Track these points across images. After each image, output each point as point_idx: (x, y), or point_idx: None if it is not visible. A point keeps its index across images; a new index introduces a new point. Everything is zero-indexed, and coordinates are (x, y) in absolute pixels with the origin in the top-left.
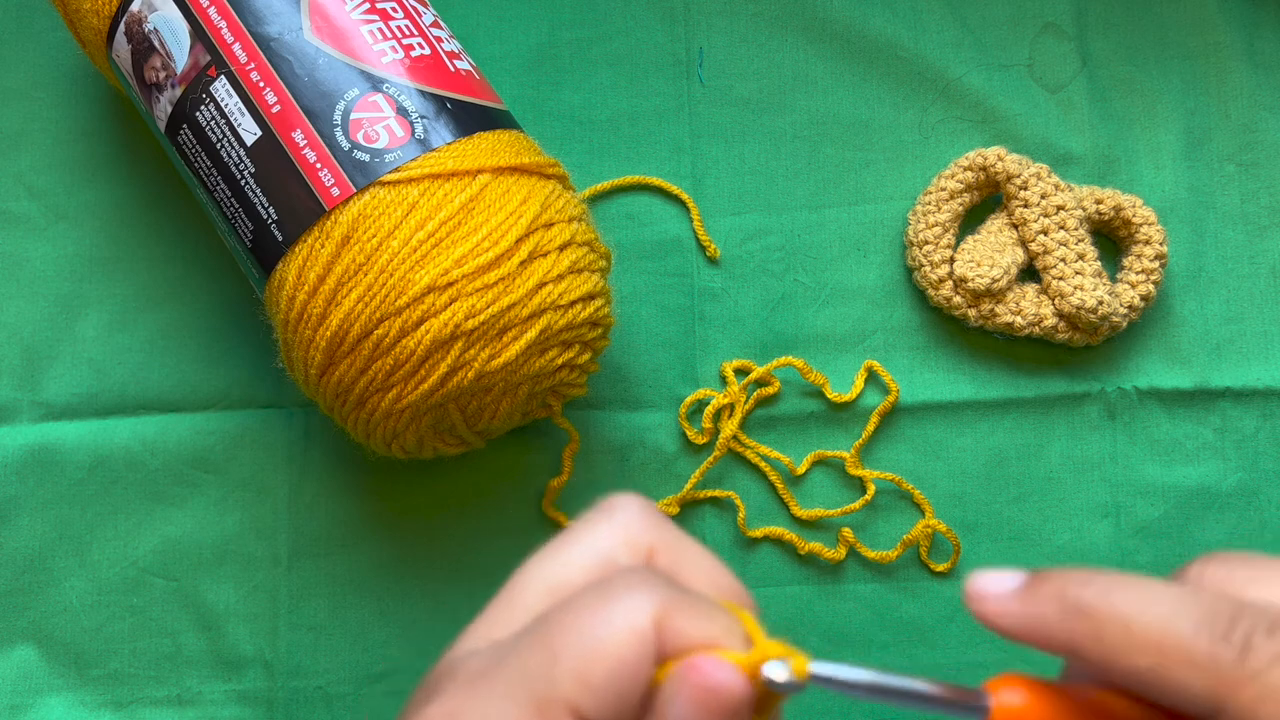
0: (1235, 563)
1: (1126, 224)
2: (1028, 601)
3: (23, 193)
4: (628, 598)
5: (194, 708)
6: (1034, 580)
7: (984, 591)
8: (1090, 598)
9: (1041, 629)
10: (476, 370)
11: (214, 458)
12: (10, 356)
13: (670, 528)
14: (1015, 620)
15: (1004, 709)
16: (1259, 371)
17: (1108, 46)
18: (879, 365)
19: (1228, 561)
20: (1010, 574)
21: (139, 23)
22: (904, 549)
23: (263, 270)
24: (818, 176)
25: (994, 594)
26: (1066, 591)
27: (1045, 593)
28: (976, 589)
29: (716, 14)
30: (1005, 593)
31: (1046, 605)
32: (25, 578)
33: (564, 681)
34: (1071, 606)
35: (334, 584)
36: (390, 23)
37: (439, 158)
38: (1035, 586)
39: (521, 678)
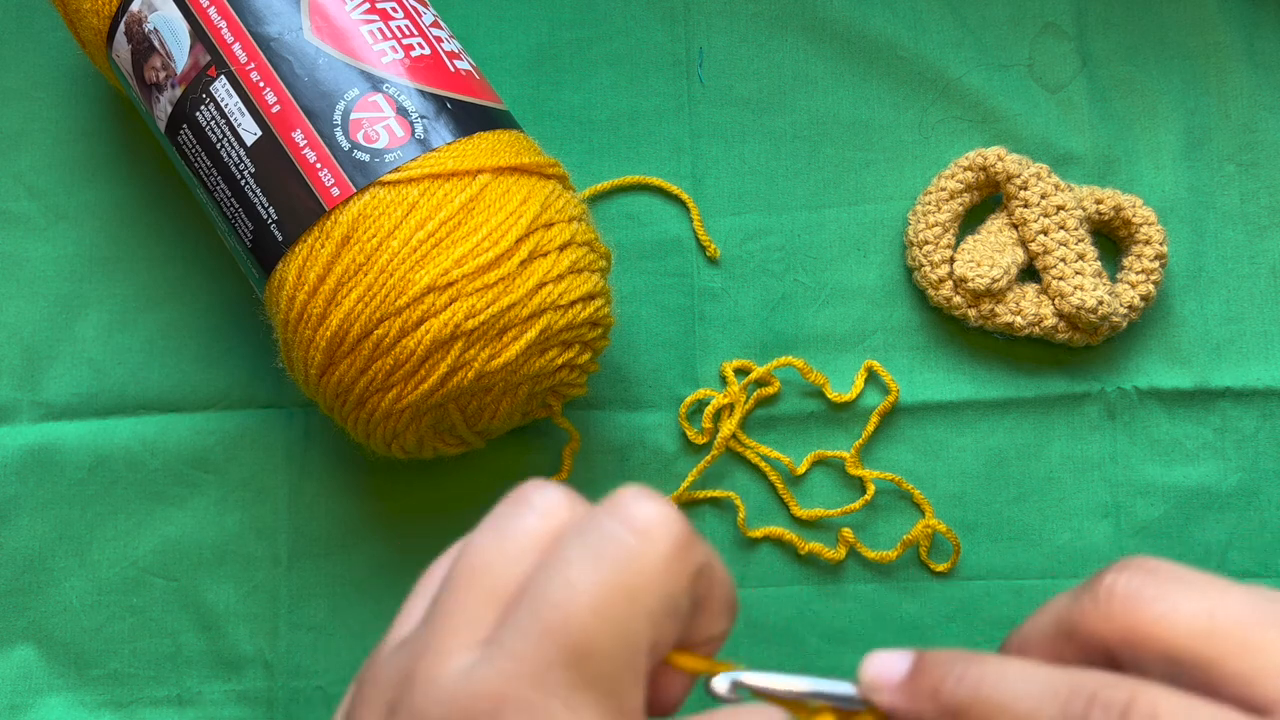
0: (1143, 577)
1: (1126, 224)
2: (911, 695)
3: (23, 193)
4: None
5: (194, 708)
6: (916, 669)
7: (873, 681)
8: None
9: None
10: (476, 370)
11: (214, 458)
12: (10, 356)
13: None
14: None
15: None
16: (1259, 371)
17: (1108, 46)
18: (879, 365)
19: (1137, 574)
20: (897, 658)
21: (139, 23)
22: (904, 549)
23: (263, 270)
24: (818, 176)
25: (882, 684)
26: (942, 689)
27: (924, 688)
28: (867, 679)
29: (716, 14)
30: (893, 683)
31: (925, 703)
32: (25, 578)
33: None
34: (947, 704)
35: (334, 584)
36: (390, 23)
37: (439, 158)
38: (915, 678)
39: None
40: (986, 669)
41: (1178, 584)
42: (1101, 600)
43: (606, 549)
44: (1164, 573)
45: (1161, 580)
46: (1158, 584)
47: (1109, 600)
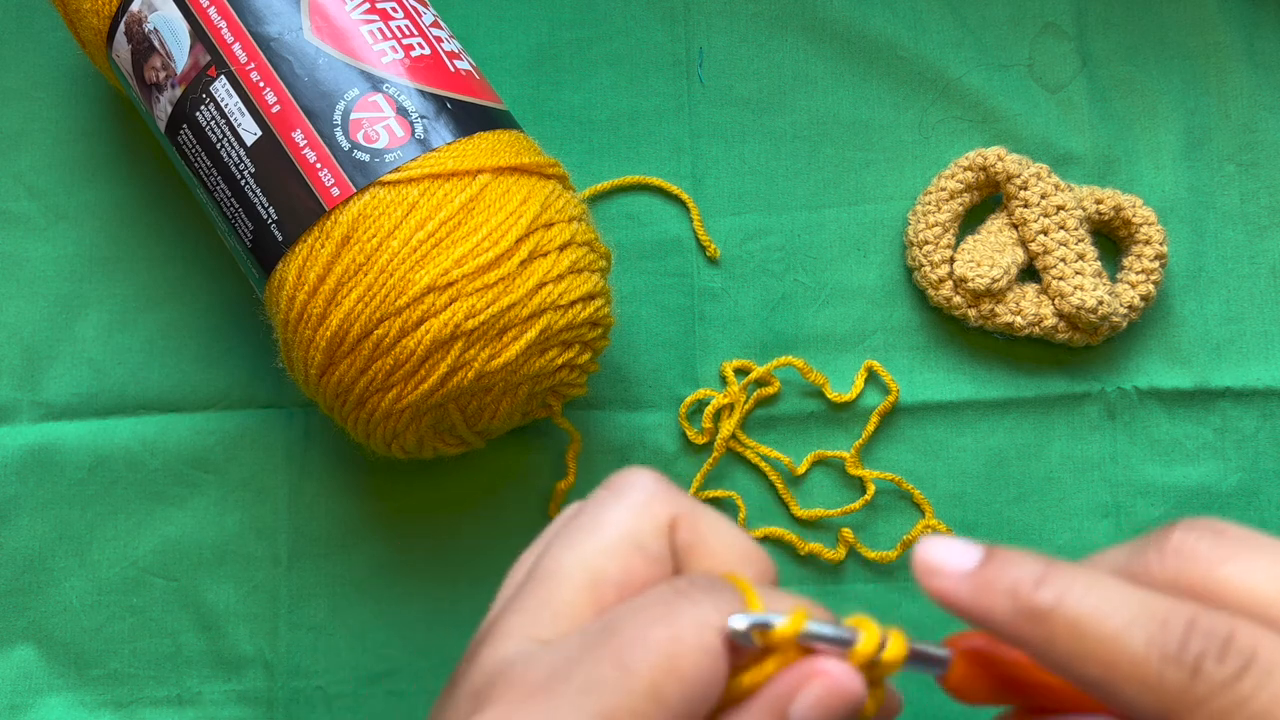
0: (1212, 538)
1: (1126, 224)
2: (980, 590)
3: (23, 193)
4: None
5: (194, 708)
6: (988, 565)
7: (936, 565)
8: (1045, 600)
9: (991, 621)
10: (476, 370)
11: (214, 458)
12: (10, 356)
13: (686, 498)
14: (967, 604)
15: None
16: (1259, 371)
17: (1108, 46)
18: (879, 365)
19: (1205, 534)
20: (965, 549)
21: (139, 23)
22: (904, 549)
23: (263, 270)
24: (818, 176)
25: (948, 570)
26: (1021, 589)
27: (999, 585)
28: (928, 561)
29: (716, 14)
30: (958, 572)
31: (998, 600)
32: (25, 578)
33: (637, 697)
34: (1025, 607)
35: (334, 584)
36: (390, 23)
37: (439, 158)
38: (989, 572)
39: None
40: (1074, 577)
41: (1247, 546)
42: (1169, 556)
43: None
44: (1232, 534)
45: (1231, 541)
46: (1227, 545)
47: (1177, 557)
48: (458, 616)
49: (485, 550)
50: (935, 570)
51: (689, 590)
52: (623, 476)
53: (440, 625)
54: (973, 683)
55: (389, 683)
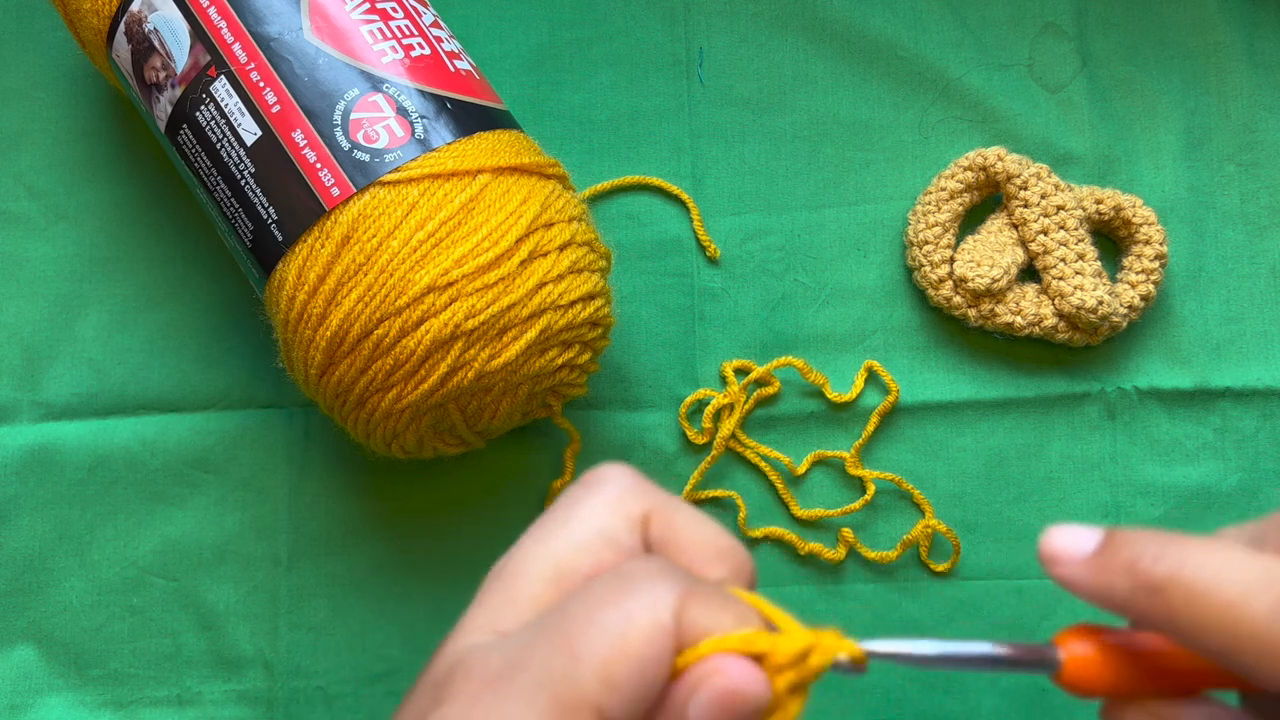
0: None
1: (1126, 224)
2: (1099, 569)
3: (23, 193)
4: (647, 591)
5: (194, 708)
6: (1107, 545)
7: (1057, 553)
8: (1161, 573)
9: (1112, 600)
10: (476, 370)
11: (214, 458)
12: (10, 356)
13: (661, 494)
14: (1087, 587)
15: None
16: (1259, 371)
17: (1108, 46)
18: (879, 365)
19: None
20: (1085, 533)
21: (139, 23)
22: (904, 549)
23: (263, 270)
24: (818, 176)
25: (1067, 557)
26: (1138, 565)
27: (1117, 563)
28: (1051, 550)
29: (716, 14)
30: (1078, 557)
31: (1118, 578)
32: (25, 578)
33: (588, 682)
34: (1143, 581)
35: (334, 584)
36: (390, 23)
37: (439, 158)
38: (1107, 553)
39: (542, 679)
40: (1192, 548)
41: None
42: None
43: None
44: None
45: None
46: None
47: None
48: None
49: (485, 550)
50: (1056, 558)
51: (639, 571)
52: (597, 472)
53: (440, 625)
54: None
55: (389, 683)
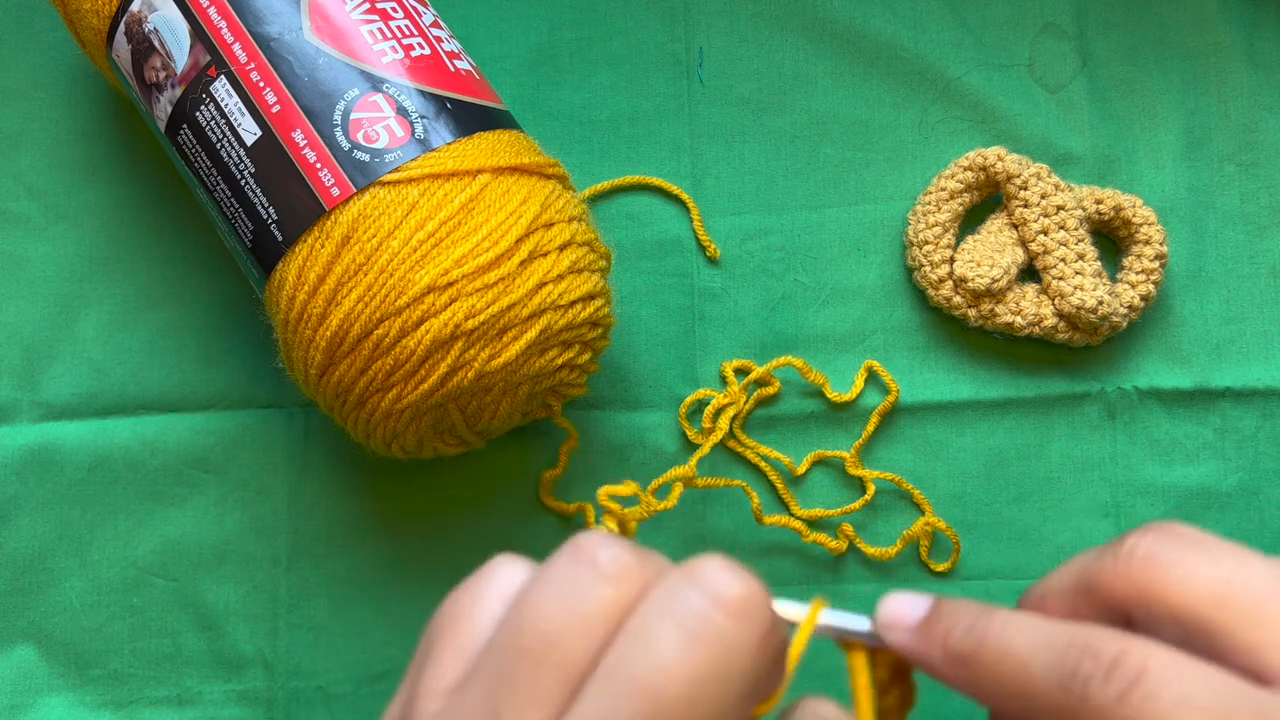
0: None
1: (1126, 224)
2: (921, 639)
3: (23, 193)
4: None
5: (194, 708)
6: (930, 615)
7: (890, 620)
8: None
9: (931, 669)
10: (476, 370)
11: (214, 458)
12: (10, 356)
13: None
14: (911, 655)
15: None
16: (1259, 371)
17: (1108, 46)
18: (879, 365)
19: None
20: (916, 601)
21: (139, 23)
22: (905, 545)
23: (263, 270)
24: (818, 176)
25: (897, 624)
26: (950, 636)
27: (935, 634)
28: (883, 617)
29: (716, 14)
30: (906, 624)
31: (934, 649)
32: (25, 578)
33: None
34: (952, 652)
35: (334, 584)
36: (390, 23)
37: (439, 158)
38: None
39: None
40: (994, 620)
41: (1199, 550)
42: (1122, 560)
43: (699, 629)
44: (1188, 538)
45: (1184, 545)
46: (1179, 548)
47: (1129, 560)
48: None
49: (485, 550)
50: (887, 624)
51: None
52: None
53: None
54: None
55: (389, 683)
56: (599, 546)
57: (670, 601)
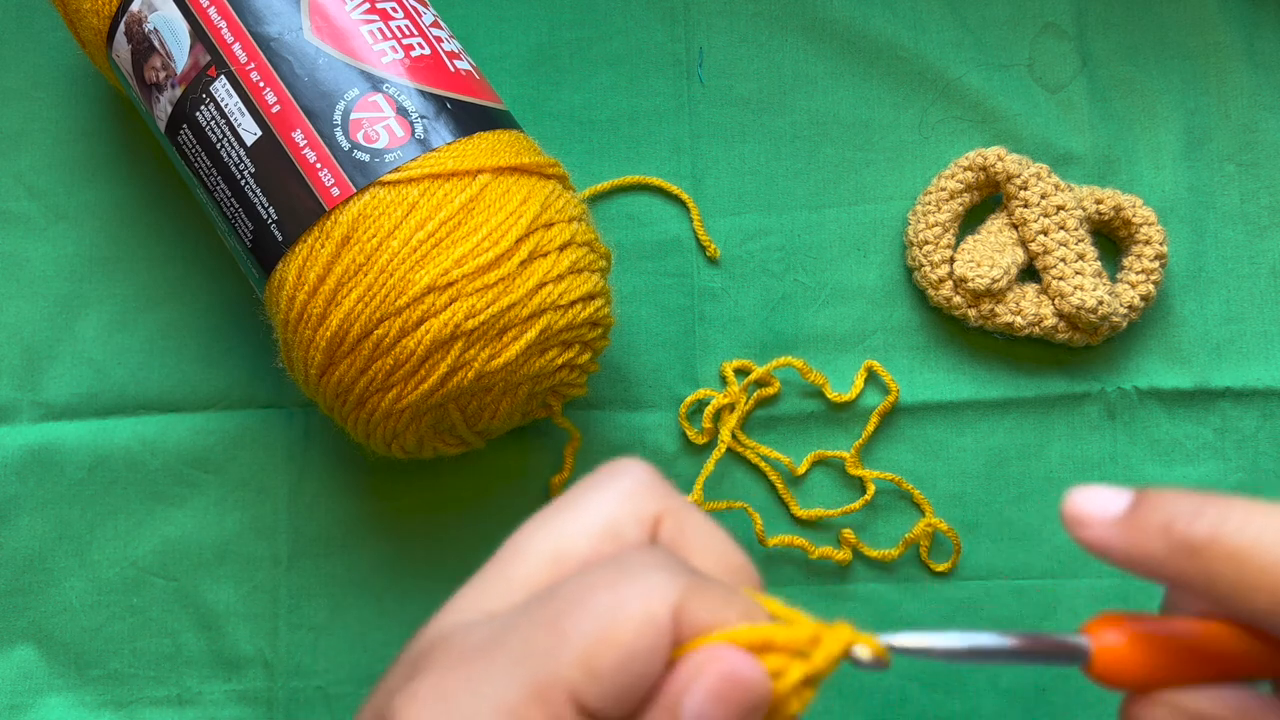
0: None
1: (1126, 224)
2: (1132, 532)
3: (23, 193)
4: (646, 581)
5: (194, 708)
6: (1139, 506)
7: (1085, 515)
8: (1200, 533)
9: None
10: (476, 370)
11: (214, 458)
12: (10, 356)
13: (676, 496)
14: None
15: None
16: (1259, 371)
17: (1108, 46)
18: (879, 365)
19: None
20: (1113, 493)
21: (139, 23)
22: (906, 547)
23: (263, 270)
24: (818, 176)
25: (1096, 519)
26: (1174, 526)
27: (1152, 524)
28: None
29: (716, 14)
30: (1108, 519)
31: (1153, 539)
32: (25, 578)
33: (569, 666)
34: (1180, 543)
35: (334, 584)
36: (390, 23)
37: (439, 158)
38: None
39: (522, 657)
40: (1231, 508)
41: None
42: None
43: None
44: None
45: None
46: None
47: None
48: None
49: (485, 550)
50: (1084, 520)
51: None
52: (615, 464)
53: None
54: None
55: None
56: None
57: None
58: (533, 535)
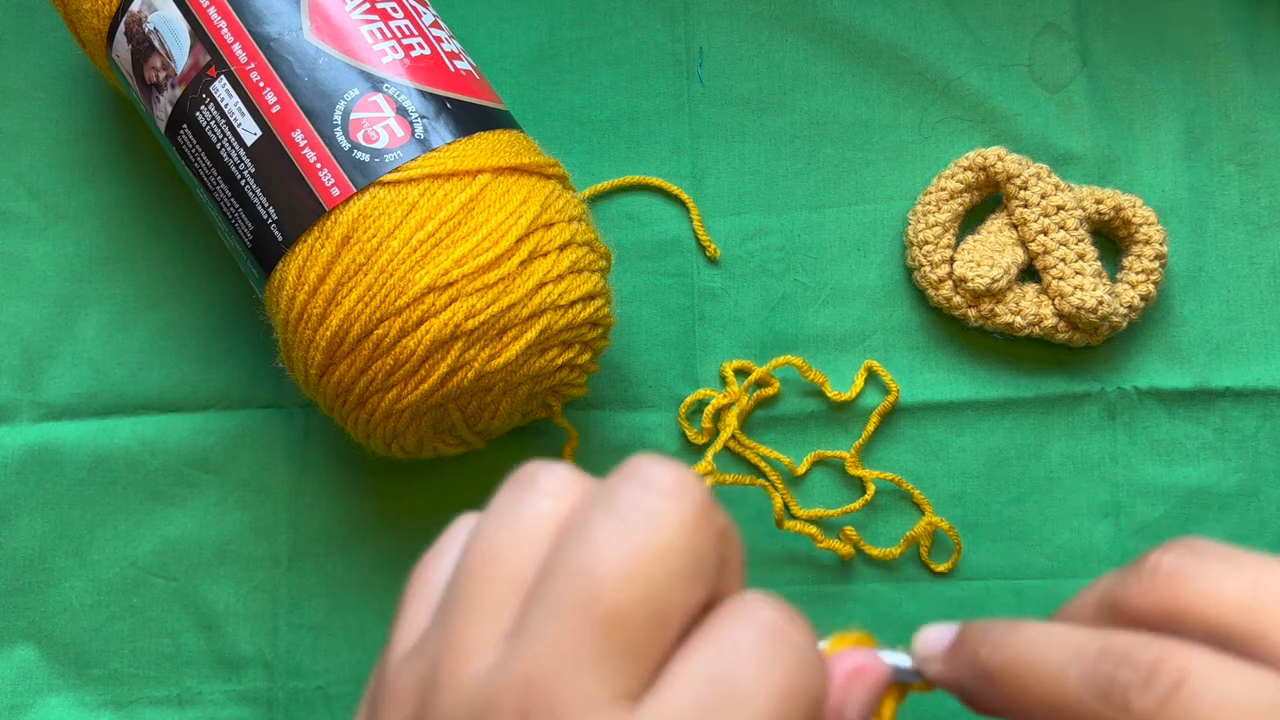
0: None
1: (1126, 224)
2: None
3: (23, 193)
4: None
5: (194, 708)
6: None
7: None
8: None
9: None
10: (476, 370)
11: (214, 458)
12: (10, 356)
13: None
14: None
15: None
16: (1259, 371)
17: (1108, 46)
18: (879, 365)
19: (1183, 553)
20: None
21: (139, 23)
22: (907, 546)
23: (263, 270)
24: (818, 176)
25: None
26: (978, 656)
27: (963, 656)
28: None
29: (716, 14)
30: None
31: (964, 670)
32: (25, 578)
33: None
34: (981, 671)
35: (334, 584)
36: (390, 23)
37: (439, 158)
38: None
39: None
40: (1020, 634)
41: (1222, 560)
42: (1145, 577)
43: (631, 514)
44: (1210, 551)
45: (1206, 557)
46: (1202, 561)
47: (1153, 577)
48: None
49: None
50: (924, 658)
51: None
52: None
53: None
54: None
55: None
56: (539, 470)
57: (605, 497)
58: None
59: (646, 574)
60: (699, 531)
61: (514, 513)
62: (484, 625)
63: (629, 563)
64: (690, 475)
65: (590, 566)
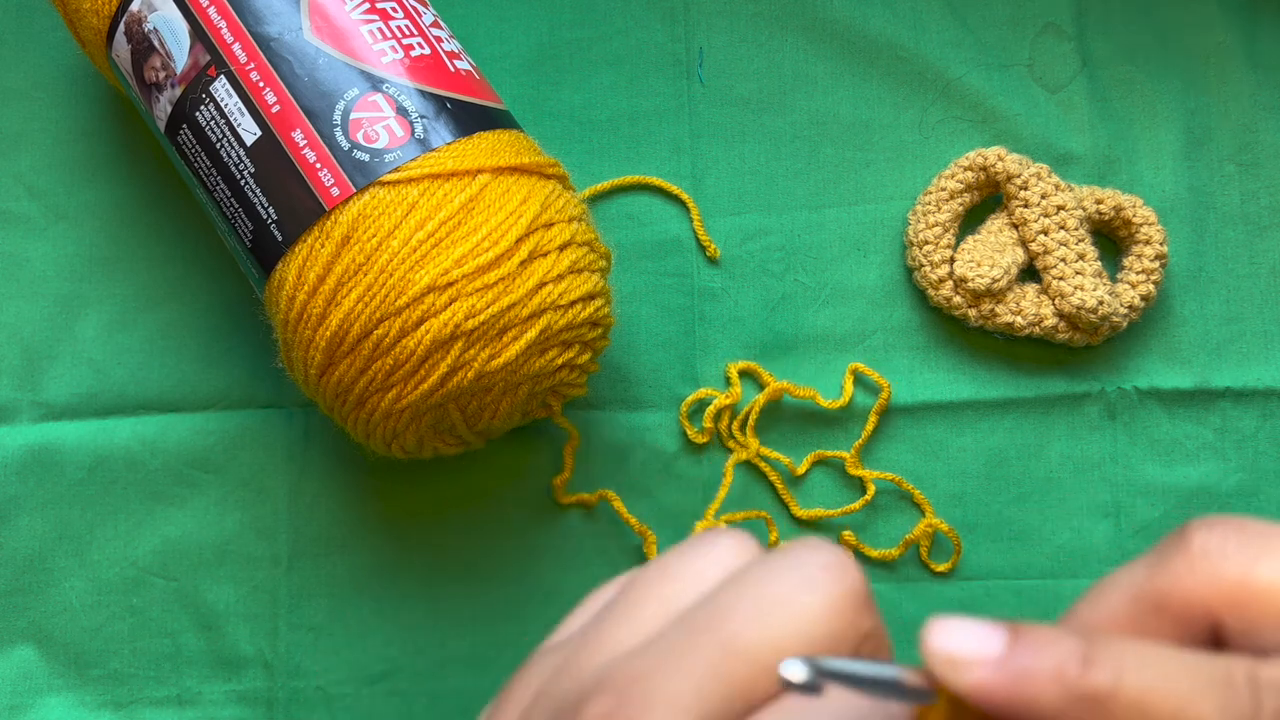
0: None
1: (1126, 224)
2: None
3: (23, 193)
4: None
5: (194, 708)
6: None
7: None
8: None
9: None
10: (476, 370)
11: (214, 458)
12: (10, 356)
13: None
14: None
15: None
16: (1259, 371)
17: (1108, 46)
18: (864, 366)
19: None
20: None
21: (139, 23)
22: (906, 548)
23: (263, 270)
24: (818, 176)
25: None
26: (1068, 673)
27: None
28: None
29: (716, 14)
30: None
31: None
32: (25, 578)
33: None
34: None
35: (334, 584)
36: (390, 23)
37: (439, 158)
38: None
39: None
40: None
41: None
42: (1198, 561)
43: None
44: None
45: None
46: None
47: (1205, 561)
48: (458, 617)
49: (485, 551)
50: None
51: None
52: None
53: (440, 625)
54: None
55: (389, 683)
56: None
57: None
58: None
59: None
60: (843, 614)
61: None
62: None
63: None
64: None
65: (733, 602)
